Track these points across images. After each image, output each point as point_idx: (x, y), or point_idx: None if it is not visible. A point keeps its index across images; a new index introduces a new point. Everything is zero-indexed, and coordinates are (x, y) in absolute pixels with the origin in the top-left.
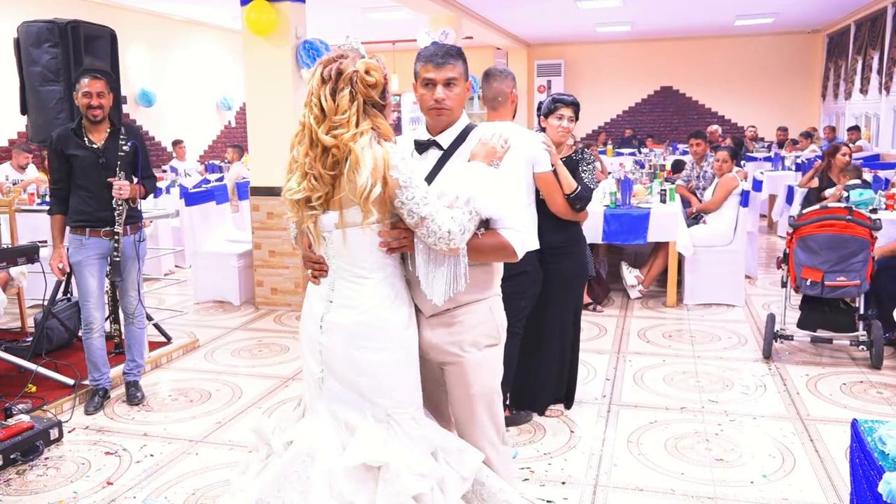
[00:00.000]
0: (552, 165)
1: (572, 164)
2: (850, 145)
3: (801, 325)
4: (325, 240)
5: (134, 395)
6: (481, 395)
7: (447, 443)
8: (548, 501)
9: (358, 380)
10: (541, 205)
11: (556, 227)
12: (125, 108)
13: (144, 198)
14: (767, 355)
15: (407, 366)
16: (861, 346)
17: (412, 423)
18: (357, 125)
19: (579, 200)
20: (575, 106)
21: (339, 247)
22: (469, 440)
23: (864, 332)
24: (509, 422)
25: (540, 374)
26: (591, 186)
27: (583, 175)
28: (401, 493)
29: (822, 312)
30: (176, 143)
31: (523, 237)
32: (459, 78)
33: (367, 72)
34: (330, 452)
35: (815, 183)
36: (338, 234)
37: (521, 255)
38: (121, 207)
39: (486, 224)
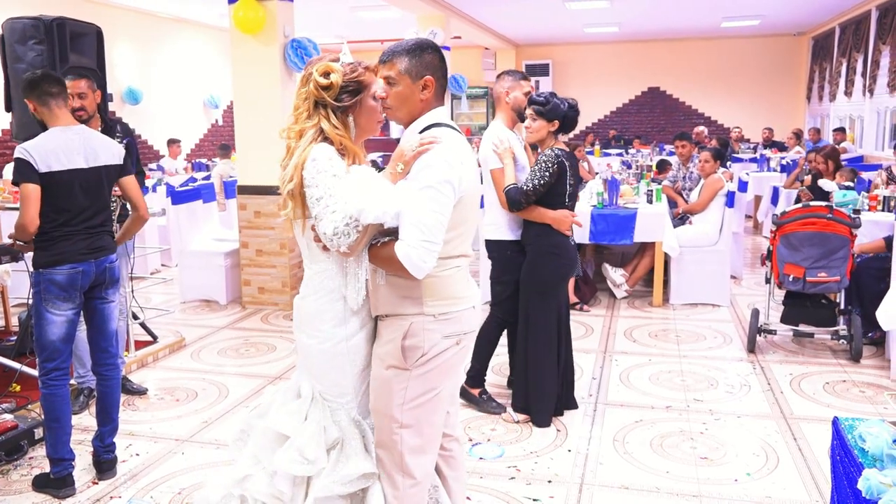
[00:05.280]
0: (503, 164)
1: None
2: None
3: (784, 319)
4: None
5: (132, 385)
6: (377, 414)
7: (347, 442)
8: (534, 500)
9: (300, 357)
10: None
11: (525, 224)
12: (111, 106)
13: None
14: (751, 349)
15: (339, 361)
16: (841, 340)
17: (335, 413)
18: (304, 122)
19: (506, 198)
20: (535, 104)
21: None
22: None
23: (845, 327)
24: (477, 404)
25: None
26: (526, 187)
27: (530, 175)
28: (286, 465)
29: (804, 307)
30: (172, 142)
31: (411, 251)
32: (398, 76)
33: (324, 74)
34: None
35: (808, 181)
36: None
37: (414, 271)
38: (114, 204)
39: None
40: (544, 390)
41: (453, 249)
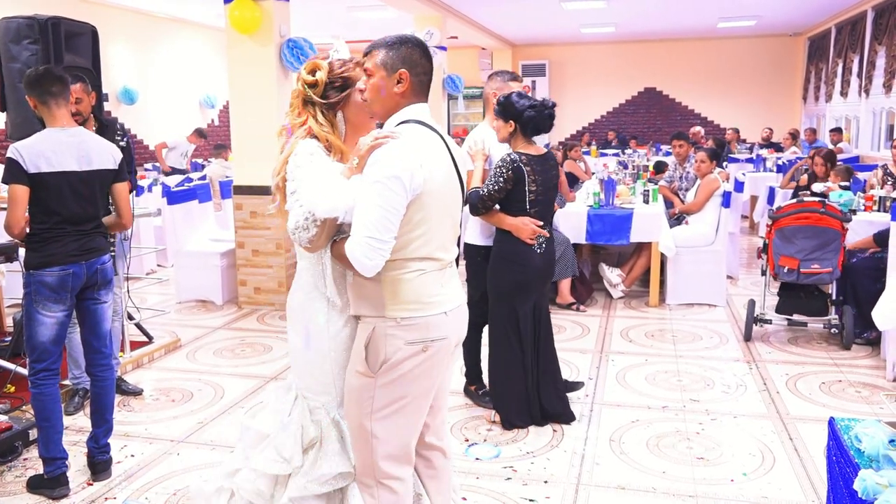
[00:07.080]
0: (474, 166)
1: None
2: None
3: (779, 310)
4: None
5: (128, 386)
6: (350, 421)
7: (325, 442)
8: (530, 500)
9: (290, 354)
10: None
11: (495, 229)
12: (107, 107)
13: (131, 192)
14: (748, 338)
15: (320, 359)
16: (833, 330)
17: (315, 412)
18: (294, 119)
19: (469, 201)
20: (496, 104)
21: None
22: None
23: (836, 316)
24: (472, 398)
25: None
26: (481, 192)
27: (486, 180)
28: (263, 464)
29: (798, 298)
30: (199, 133)
31: (355, 247)
32: (374, 68)
33: (311, 71)
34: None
35: (804, 181)
36: None
37: (359, 268)
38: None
39: None
40: (507, 391)
41: (415, 251)
